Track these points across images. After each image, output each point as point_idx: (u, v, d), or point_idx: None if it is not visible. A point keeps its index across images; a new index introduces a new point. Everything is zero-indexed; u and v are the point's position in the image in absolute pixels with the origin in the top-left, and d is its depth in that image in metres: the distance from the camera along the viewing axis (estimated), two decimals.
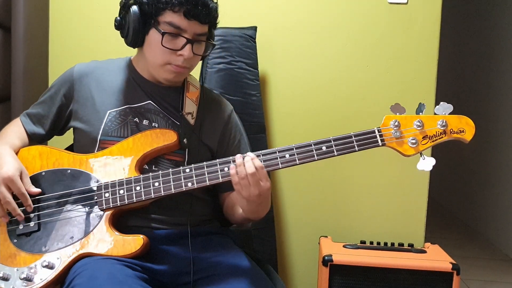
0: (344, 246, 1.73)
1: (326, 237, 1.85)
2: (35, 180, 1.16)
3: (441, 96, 1.59)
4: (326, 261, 1.61)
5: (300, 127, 1.90)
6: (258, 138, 1.79)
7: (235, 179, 1.07)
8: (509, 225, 3.15)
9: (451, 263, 1.60)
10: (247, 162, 1.06)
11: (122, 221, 1.16)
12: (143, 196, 1.12)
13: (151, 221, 1.18)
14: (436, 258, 1.66)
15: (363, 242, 1.79)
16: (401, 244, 1.77)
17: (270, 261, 1.78)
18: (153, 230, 1.18)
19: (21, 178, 1.13)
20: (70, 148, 1.32)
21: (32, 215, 1.13)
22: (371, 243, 1.79)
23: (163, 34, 1.13)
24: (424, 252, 1.72)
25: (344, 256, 1.64)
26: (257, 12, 1.87)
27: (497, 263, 2.94)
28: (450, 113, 1.11)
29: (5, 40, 1.65)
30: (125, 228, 1.14)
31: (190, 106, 1.26)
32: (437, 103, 1.11)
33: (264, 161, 1.09)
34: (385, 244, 1.78)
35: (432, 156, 1.11)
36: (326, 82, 1.89)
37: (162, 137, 1.19)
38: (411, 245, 1.76)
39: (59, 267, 1.07)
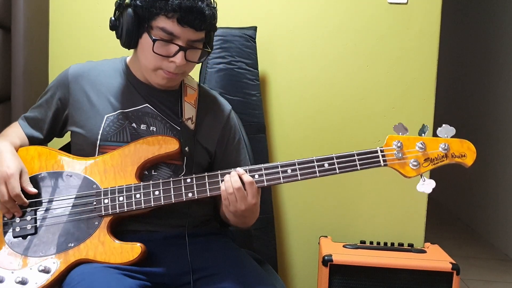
0: (344, 246, 1.73)
1: (326, 237, 1.84)
2: (33, 181, 1.14)
3: (441, 96, 1.59)
4: (326, 261, 1.61)
5: (300, 127, 1.90)
6: (258, 138, 1.78)
7: (223, 194, 1.09)
8: (509, 225, 3.15)
9: (451, 263, 1.60)
10: (233, 177, 1.08)
11: (120, 224, 1.15)
12: (142, 205, 1.12)
13: (149, 225, 1.18)
14: (436, 258, 1.66)
15: (363, 242, 1.79)
16: (401, 244, 1.77)
17: (270, 261, 1.77)
18: (151, 233, 1.17)
19: (20, 176, 1.11)
20: (67, 148, 1.30)
21: (29, 217, 1.12)
22: (371, 243, 1.79)
23: (154, 40, 1.10)
24: (424, 252, 1.72)
25: (344, 256, 1.64)
26: (257, 12, 1.87)
27: (497, 263, 2.94)
28: (452, 136, 1.11)
29: (5, 40, 1.65)
30: (123, 232, 1.14)
31: (189, 111, 1.24)
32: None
33: (266, 175, 1.11)
34: (385, 244, 1.78)
35: None
36: (326, 82, 1.89)
37: (165, 145, 1.17)
38: (411, 245, 1.76)
39: (55, 272, 1.06)
